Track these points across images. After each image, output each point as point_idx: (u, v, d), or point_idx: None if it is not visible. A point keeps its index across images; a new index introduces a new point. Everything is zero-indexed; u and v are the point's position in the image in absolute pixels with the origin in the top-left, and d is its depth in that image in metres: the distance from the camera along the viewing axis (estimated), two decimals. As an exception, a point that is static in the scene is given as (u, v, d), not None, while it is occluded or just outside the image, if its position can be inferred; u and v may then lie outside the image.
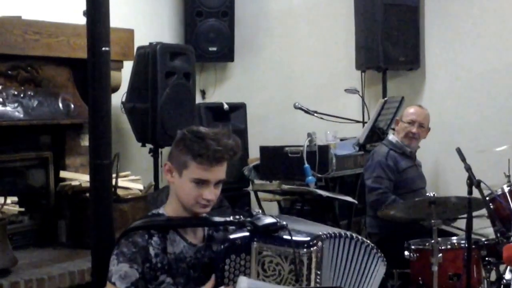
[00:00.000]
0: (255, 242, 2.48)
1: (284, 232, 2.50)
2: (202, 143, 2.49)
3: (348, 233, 2.63)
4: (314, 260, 2.46)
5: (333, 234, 2.57)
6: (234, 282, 2.44)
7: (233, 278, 2.46)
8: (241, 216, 2.58)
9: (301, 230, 2.55)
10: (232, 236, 2.53)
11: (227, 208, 2.67)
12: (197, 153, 2.48)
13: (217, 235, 2.67)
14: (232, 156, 2.54)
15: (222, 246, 2.51)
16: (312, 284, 2.44)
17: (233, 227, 2.60)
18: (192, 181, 2.52)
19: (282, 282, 2.44)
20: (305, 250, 2.46)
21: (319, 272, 2.47)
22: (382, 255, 2.70)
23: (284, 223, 2.52)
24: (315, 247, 2.47)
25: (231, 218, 2.59)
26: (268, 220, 2.52)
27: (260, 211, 2.61)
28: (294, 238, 2.47)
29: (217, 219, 2.61)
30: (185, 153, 2.52)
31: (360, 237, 2.64)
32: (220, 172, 2.54)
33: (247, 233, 2.51)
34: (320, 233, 2.53)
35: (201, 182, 2.51)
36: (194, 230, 2.63)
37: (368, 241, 2.65)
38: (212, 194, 2.54)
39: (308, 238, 2.49)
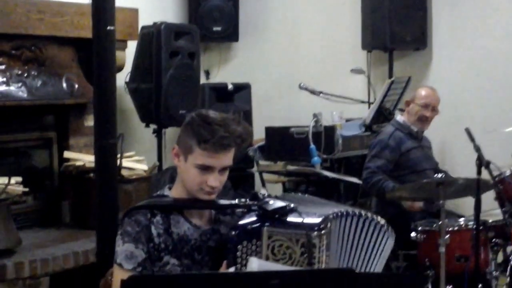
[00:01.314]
0: (265, 227, 2.43)
1: (294, 214, 2.46)
2: (209, 128, 2.41)
3: (357, 210, 2.58)
4: (325, 242, 2.42)
5: (340, 213, 2.53)
6: (244, 266, 2.40)
7: (245, 263, 2.42)
8: (247, 200, 2.52)
9: (310, 211, 2.50)
10: (242, 222, 2.47)
11: (229, 189, 2.61)
12: (202, 139, 2.41)
13: (224, 218, 2.62)
14: (240, 143, 2.46)
15: (233, 233, 2.45)
16: (323, 265, 2.41)
17: (240, 210, 2.56)
18: (196, 167, 2.44)
19: (294, 265, 2.40)
20: (316, 232, 2.41)
21: (328, 253, 2.44)
22: (392, 229, 2.65)
23: (293, 205, 2.47)
24: (326, 229, 2.43)
25: (237, 201, 2.53)
26: (277, 204, 2.46)
27: (267, 193, 2.56)
28: (304, 220, 2.43)
29: (223, 202, 2.56)
30: (191, 138, 2.45)
31: (369, 214, 2.59)
32: (226, 158, 2.46)
33: (255, 218, 2.47)
34: (329, 213, 2.50)
35: (205, 169, 2.44)
36: (200, 213, 2.58)
37: (377, 217, 2.60)
38: (216, 181, 2.46)
39: (319, 220, 2.44)
